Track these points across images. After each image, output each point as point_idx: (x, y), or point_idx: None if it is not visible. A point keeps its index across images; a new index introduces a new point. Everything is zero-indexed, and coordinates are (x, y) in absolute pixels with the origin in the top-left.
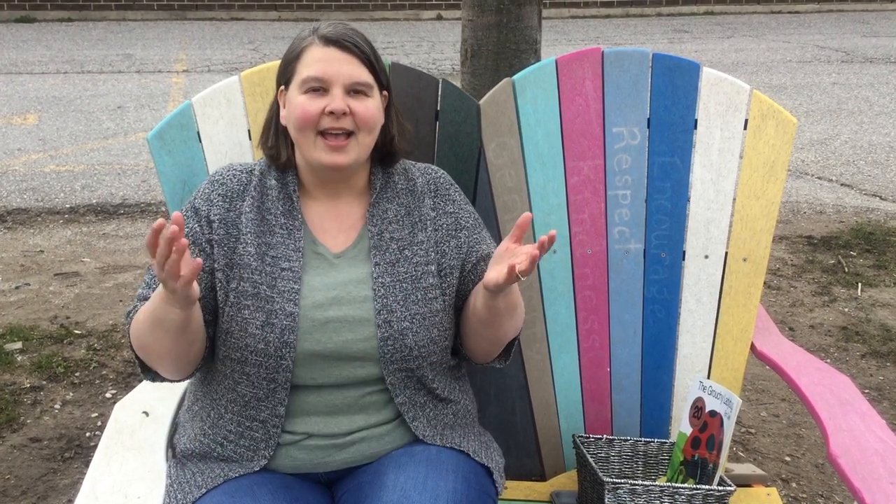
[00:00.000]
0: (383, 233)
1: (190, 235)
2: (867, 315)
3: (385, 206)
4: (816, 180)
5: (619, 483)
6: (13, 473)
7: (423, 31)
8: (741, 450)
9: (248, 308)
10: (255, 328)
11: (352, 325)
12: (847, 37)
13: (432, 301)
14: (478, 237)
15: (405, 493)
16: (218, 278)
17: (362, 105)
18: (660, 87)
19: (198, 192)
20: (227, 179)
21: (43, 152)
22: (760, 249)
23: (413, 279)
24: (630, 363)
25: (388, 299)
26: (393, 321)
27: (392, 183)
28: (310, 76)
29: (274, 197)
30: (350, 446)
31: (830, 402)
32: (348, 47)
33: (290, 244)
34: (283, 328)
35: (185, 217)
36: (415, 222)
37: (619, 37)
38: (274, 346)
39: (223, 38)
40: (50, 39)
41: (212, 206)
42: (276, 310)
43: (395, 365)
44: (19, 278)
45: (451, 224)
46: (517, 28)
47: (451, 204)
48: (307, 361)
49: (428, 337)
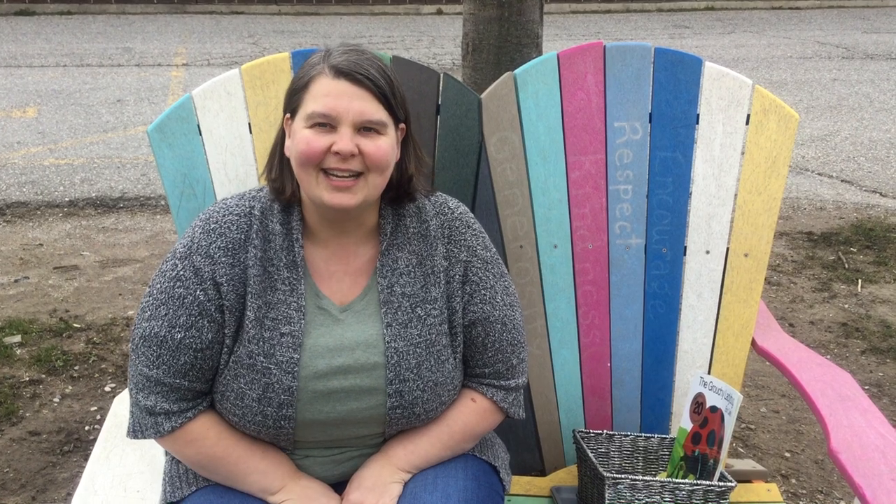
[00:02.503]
0: (394, 286)
1: (196, 305)
2: (867, 311)
3: (396, 254)
4: (817, 176)
5: (620, 478)
6: (12, 467)
7: (423, 26)
8: (741, 445)
9: (242, 378)
10: (251, 400)
11: (358, 394)
12: (848, 33)
13: (444, 363)
14: (478, 294)
15: (415, 494)
16: (226, 345)
17: (373, 144)
18: (662, 82)
19: (192, 243)
20: (225, 228)
21: (42, 145)
22: (762, 245)
23: (427, 344)
24: (631, 359)
25: (400, 368)
26: (405, 392)
27: (403, 227)
28: (316, 111)
29: (278, 246)
30: (349, 461)
31: (831, 397)
32: (360, 80)
33: (292, 302)
34: (281, 403)
35: (182, 278)
36: (427, 274)
37: (620, 32)
38: (272, 419)
39: (223, 32)
40: (49, 33)
41: (215, 266)
42: (273, 383)
43: (397, 427)
44: (18, 272)
45: (460, 275)
46: (519, 22)
47: (465, 251)
48: (308, 427)
49: (437, 402)
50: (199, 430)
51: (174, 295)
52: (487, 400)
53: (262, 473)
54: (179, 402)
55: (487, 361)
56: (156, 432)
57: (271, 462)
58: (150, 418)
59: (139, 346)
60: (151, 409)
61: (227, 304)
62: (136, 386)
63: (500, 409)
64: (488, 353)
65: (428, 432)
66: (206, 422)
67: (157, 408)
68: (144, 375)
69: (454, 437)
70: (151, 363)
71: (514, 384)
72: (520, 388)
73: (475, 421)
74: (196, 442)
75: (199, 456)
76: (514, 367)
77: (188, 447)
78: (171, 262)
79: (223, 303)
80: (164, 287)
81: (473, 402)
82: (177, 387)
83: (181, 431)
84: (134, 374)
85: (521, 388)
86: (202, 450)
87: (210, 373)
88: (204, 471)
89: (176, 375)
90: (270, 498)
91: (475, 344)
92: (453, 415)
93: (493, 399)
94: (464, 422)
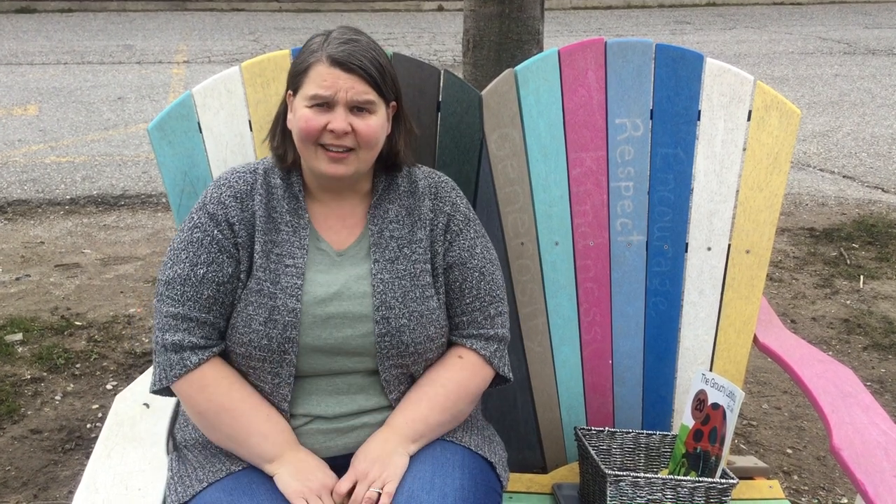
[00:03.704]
0: (383, 231)
1: (214, 243)
2: (869, 307)
3: (386, 206)
4: (818, 172)
5: (622, 476)
6: (14, 465)
7: (424, 23)
8: (743, 442)
9: (252, 304)
10: (258, 324)
11: (351, 320)
12: (849, 28)
13: (429, 299)
14: (458, 242)
15: (412, 493)
16: (241, 280)
17: (364, 123)
18: (663, 78)
19: (205, 196)
20: (233, 182)
21: (43, 143)
22: (764, 241)
23: (412, 276)
24: (632, 355)
25: (386, 296)
26: (391, 318)
27: (395, 185)
28: (314, 94)
29: (280, 196)
30: (351, 431)
31: (833, 394)
32: (353, 69)
33: (295, 241)
34: (286, 324)
35: (199, 224)
36: (414, 221)
37: (621, 28)
38: (277, 342)
39: (224, 29)
40: (50, 30)
41: (227, 209)
42: (279, 306)
43: (390, 361)
44: (20, 269)
45: (443, 224)
46: (519, 18)
47: (450, 206)
48: (309, 355)
49: (424, 334)
50: (213, 377)
51: (193, 239)
52: (473, 352)
53: (263, 436)
54: (205, 337)
55: (466, 309)
56: (182, 367)
57: (274, 426)
58: (177, 355)
59: (163, 291)
60: (179, 343)
61: (240, 242)
62: (163, 329)
63: (487, 362)
64: (466, 299)
65: (425, 397)
66: (221, 370)
67: (185, 342)
68: (171, 315)
69: (450, 397)
70: (177, 301)
71: (493, 333)
72: (501, 339)
73: (467, 378)
74: (209, 388)
75: (209, 404)
76: (493, 318)
77: (202, 392)
78: (188, 216)
79: (237, 240)
80: (183, 237)
81: (461, 358)
82: (202, 321)
83: (198, 374)
84: (159, 320)
85: (504, 342)
86: (213, 397)
87: (229, 308)
88: (209, 426)
89: (201, 310)
90: (266, 466)
91: (453, 289)
92: (445, 374)
93: (477, 350)
94: (456, 381)
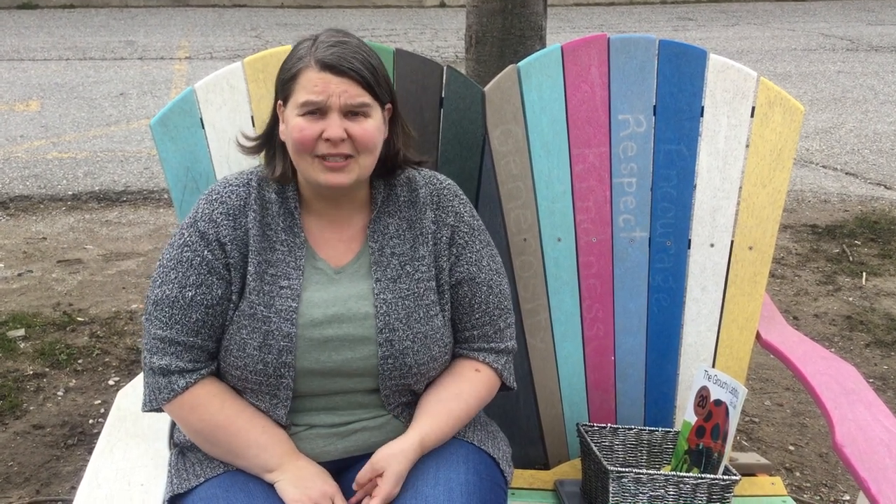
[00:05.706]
0: (384, 248)
1: (204, 265)
2: (872, 304)
3: (386, 220)
4: (821, 169)
5: (624, 472)
6: (16, 460)
7: (426, 19)
8: (745, 439)
9: (245, 328)
10: (252, 349)
11: (352, 343)
12: (852, 25)
13: (433, 318)
14: (464, 256)
15: (417, 489)
16: (232, 301)
17: (360, 127)
18: (666, 74)
19: (196, 212)
20: (225, 197)
21: (45, 139)
22: (766, 238)
23: (415, 296)
24: (634, 352)
25: (389, 317)
26: (395, 340)
27: (394, 196)
28: (306, 101)
29: (275, 212)
30: (351, 435)
31: (836, 391)
32: (345, 72)
33: (290, 261)
34: (281, 349)
35: (189, 243)
36: (416, 236)
37: (623, 24)
38: (273, 367)
39: (226, 25)
40: (52, 26)
41: (218, 228)
42: (273, 330)
43: (392, 381)
44: (22, 265)
45: (447, 238)
46: (522, 14)
47: (453, 216)
48: (307, 378)
49: (428, 355)
50: (205, 396)
51: (182, 259)
52: (487, 366)
53: (262, 448)
54: (193, 361)
55: (476, 323)
56: (170, 391)
57: (271, 438)
58: (165, 379)
59: (152, 311)
60: (166, 368)
61: (231, 262)
62: (151, 351)
63: (498, 375)
64: (476, 314)
65: (452, 415)
66: (211, 388)
67: (172, 366)
68: (158, 338)
69: (470, 413)
70: (165, 324)
71: (503, 346)
72: (510, 352)
73: (485, 392)
74: (200, 408)
75: (203, 423)
76: (503, 331)
77: (193, 413)
78: (178, 232)
79: (228, 261)
80: (173, 255)
81: (478, 372)
82: (190, 345)
83: (189, 395)
84: (148, 342)
85: (512, 353)
86: (206, 416)
87: (220, 330)
88: (206, 442)
89: (189, 333)
90: (266, 476)
91: (462, 305)
92: (467, 389)
93: (490, 363)
94: (476, 395)
